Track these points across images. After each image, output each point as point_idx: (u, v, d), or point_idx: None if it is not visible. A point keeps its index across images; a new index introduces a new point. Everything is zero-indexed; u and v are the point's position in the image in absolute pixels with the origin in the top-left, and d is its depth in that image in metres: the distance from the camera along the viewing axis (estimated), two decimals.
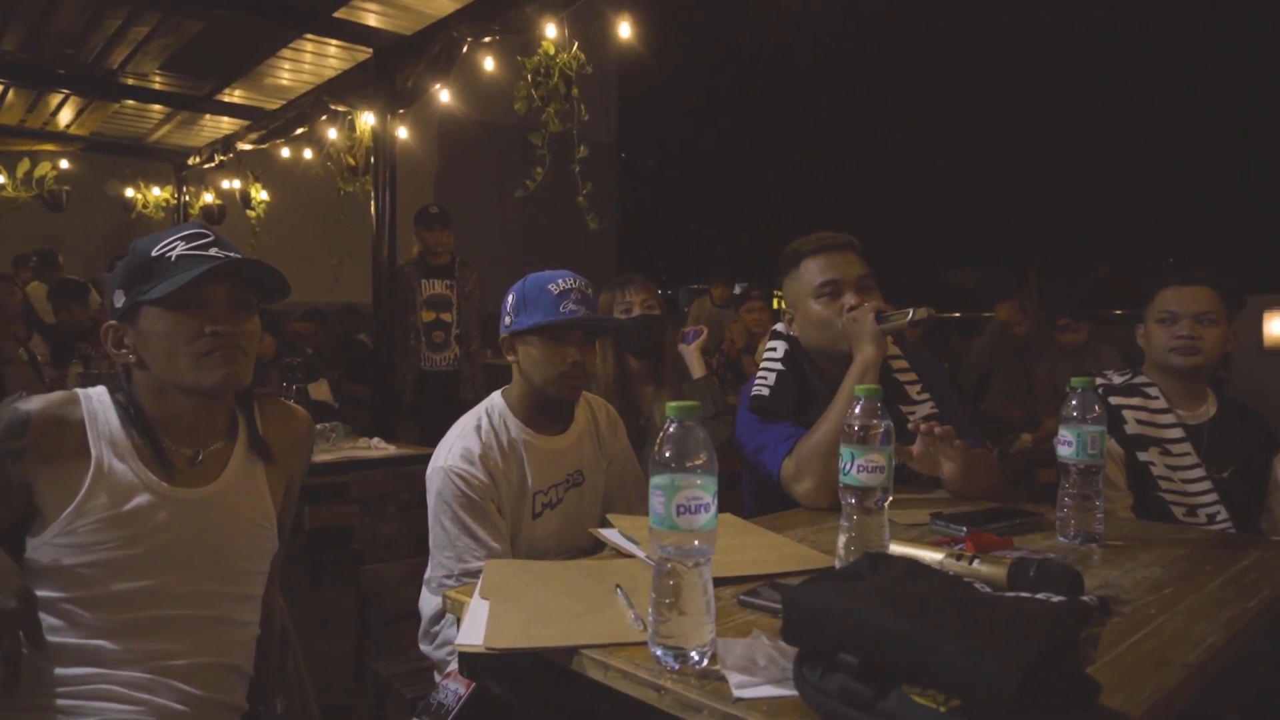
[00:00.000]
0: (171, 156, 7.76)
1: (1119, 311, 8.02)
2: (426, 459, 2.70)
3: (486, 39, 4.26)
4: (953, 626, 0.69)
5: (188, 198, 7.81)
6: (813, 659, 0.80)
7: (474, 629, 1.02)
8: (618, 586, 1.14)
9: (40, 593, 1.18)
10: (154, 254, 1.21)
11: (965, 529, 1.41)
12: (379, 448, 2.81)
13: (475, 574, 1.59)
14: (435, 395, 4.69)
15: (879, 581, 0.81)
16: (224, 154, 6.92)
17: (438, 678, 1.76)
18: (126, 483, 1.20)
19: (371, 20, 4.67)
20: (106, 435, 1.22)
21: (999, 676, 0.63)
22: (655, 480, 0.89)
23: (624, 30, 3.89)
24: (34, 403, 1.20)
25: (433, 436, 4.53)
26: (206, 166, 7.37)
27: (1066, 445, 1.40)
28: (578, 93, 4.02)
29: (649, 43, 3.98)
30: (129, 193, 7.75)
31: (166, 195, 7.82)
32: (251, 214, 6.90)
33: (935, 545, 1.28)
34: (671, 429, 0.90)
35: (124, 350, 1.24)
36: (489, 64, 4.34)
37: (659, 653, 0.90)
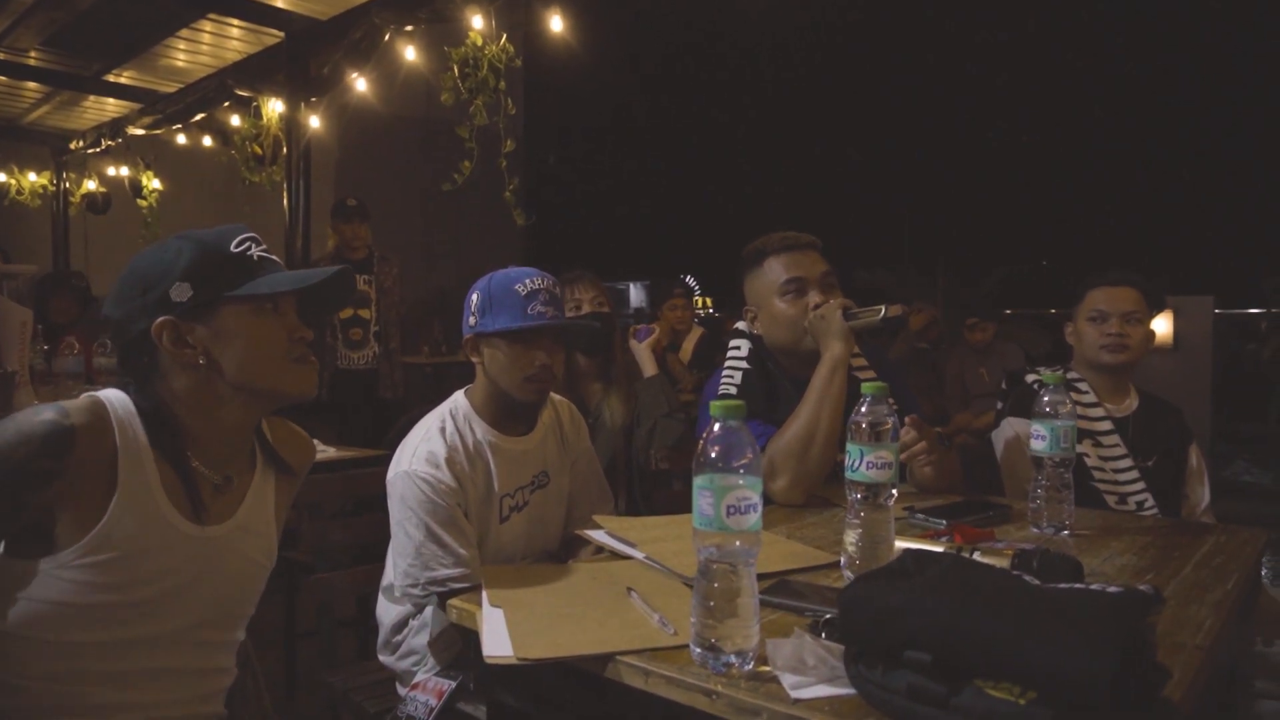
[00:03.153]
0: (50, 140, 7.19)
1: (1009, 311, 8.48)
2: (370, 461, 2.60)
3: (409, 27, 4.13)
4: (1030, 620, 0.71)
5: (68, 185, 7.25)
6: (869, 657, 0.80)
7: (497, 640, 0.98)
8: (630, 589, 1.12)
9: (17, 632, 1.04)
10: (234, 250, 1.11)
11: (945, 522, 1.45)
12: (319, 450, 2.67)
13: (442, 582, 1.54)
14: (352, 395, 4.53)
15: (932, 577, 0.82)
16: (111, 139, 6.46)
17: (401, 689, 1.70)
18: (150, 513, 1.07)
19: (282, 1, 4.46)
20: (134, 454, 1.07)
21: (1093, 669, 0.64)
22: (700, 481, 0.87)
23: (555, 24, 3.83)
24: (73, 414, 1.03)
25: (350, 438, 4.37)
26: (90, 151, 6.86)
27: (1040, 439, 1.46)
28: (504, 86, 3.95)
29: (562, 38, 3.94)
30: (0, 177, 7.16)
31: (44, 181, 7.25)
32: (143, 203, 6.46)
33: (924, 538, 1.31)
34: (716, 429, 0.89)
35: (189, 350, 1.09)
36: (410, 54, 4.20)
37: (703, 655, 0.89)
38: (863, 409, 1.16)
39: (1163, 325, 5.44)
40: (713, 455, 0.87)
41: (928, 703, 0.73)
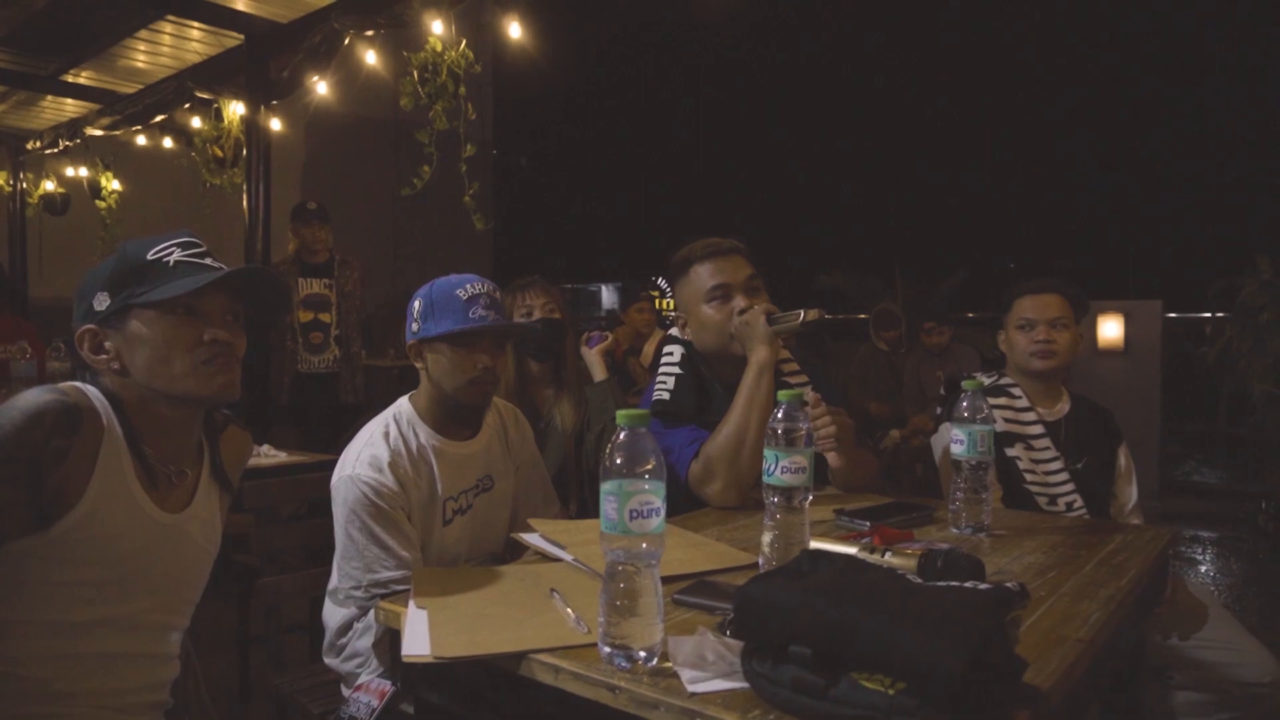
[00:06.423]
0: (6, 140, 7.10)
1: (971, 315, 8.61)
2: (321, 465, 2.62)
3: (369, 32, 4.14)
4: (900, 616, 0.76)
5: (25, 185, 7.16)
6: (761, 652, 0.85)
7: (417, 639, 1.02)
8: (553, 590, 1.16)
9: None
10: (149, 257, 1.15)
11: (868, 524, 1.51)
12: (270, 455, 2.69)
13: (385, 585, 1.58)
14: (313, 398, 4.52)
15: (823, 577, 0.86)
16: (69, 139, 6.39)
17: (345, 691, 1.72)
18: (124, 496, 1.12)
19: (242, 4, 4.45)
20: (114, 438, 1.13)
21: (949, 660, 0.69)
22: (606, 487, 0.91)
23: (514, 30, 3.86)
24: (71, 395, 1.09)
25: (311, 441, 4.34)
26: (48, 152, 6.78)
27: (959, 443, 1.52)
28: (464, 91, 3.98)
29: (529, 42, 3.96)
30: None
31: (0, 181, 7.16)
32: (101, 205, 6.41)
33: (844, 540, 1.36)
34: (622, 436, 0.93)
35: (104, 356, 1.15)
36: (371, 58, 4.22)
37: (610, 653, 0.93)
38: (778, 415, 1.21)
39: (1114, 329, 5.58)
40: (618, 461, 0.91)
41: (808, 694, 0.78)
